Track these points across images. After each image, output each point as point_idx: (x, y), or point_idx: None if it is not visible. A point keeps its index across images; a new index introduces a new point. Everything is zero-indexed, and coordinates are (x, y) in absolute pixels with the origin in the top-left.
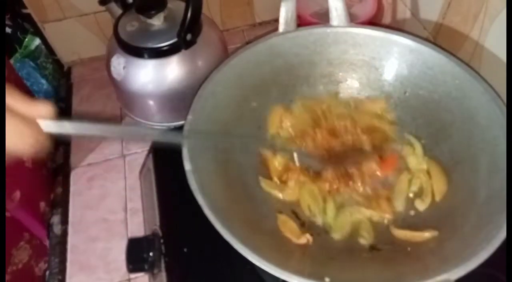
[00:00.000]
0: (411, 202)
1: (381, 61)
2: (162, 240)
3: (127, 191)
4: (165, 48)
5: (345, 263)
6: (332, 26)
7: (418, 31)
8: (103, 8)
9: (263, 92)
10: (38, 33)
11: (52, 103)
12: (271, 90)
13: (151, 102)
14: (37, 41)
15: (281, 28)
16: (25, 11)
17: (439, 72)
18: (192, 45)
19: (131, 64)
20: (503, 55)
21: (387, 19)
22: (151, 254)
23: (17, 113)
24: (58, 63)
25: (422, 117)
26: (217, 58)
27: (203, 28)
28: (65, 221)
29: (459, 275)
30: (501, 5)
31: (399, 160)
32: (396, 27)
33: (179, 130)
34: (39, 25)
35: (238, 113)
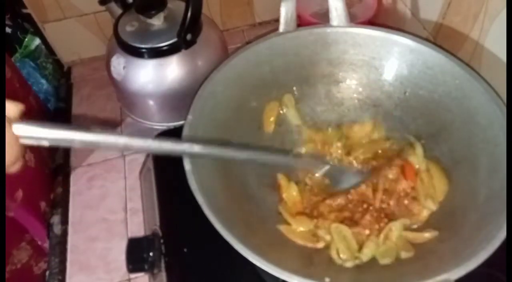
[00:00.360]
0: None
1: (381, 61)
2: (162, 240)
3: (127, 191)
4: (165, 48)
5: (345, 263)
6: (332, 26)
7: (418, 31)
8: (103, 8)
9: (263, 92)
10: (38, 33)
11: (20, 103)
12: (271, 90)
13: (151, 102)
14: (37, 41)
15: (281, 28)
16: (25, 11)
17: (439, 72)
18: (192, 45)
19: (131, 64)
20: (503, 55)
21: (387, 19)
22: (151, 254)
23: None
24: (58, 63)
25: (422, 117)
26: (217, 58)
27: (203, 28)
28: (65, 221)
29: (459, 275)
30: (501, 5)
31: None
32: (396, 27)
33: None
34: (39, 25)
35: (238, 113)
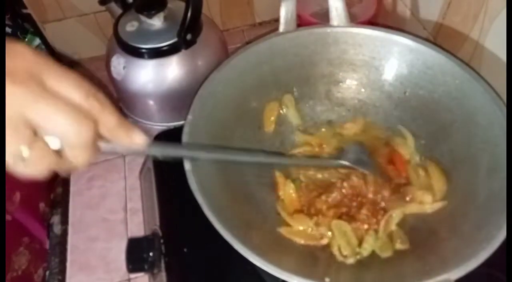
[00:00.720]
0: None
1: (381, 61)
2: (162, 240)
3: (127, 191)
4: (165, 48)
5: (345, 263)
6: (332, 26)
7: (418, 31)
8: (103, 8)
9: (263, 92)
10: (38, 33)
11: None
12: (271, 90)
13: (151, 102)
14: (37, 41)
15: (281, 28)
16: (25, 11)
17: (439, 72)
18: (192, 45)
19: (131, 64)
20: (503, 55)
21: (387, 19)
22: (151, 254)
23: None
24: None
25: (422, 117)
26: (217, 58)
27: (203, 28)
28: (65, 221)
29: (459, 275)
30: (501, 5)
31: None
32: (396, 27)
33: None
34: (39, 25)
35: (238, 113)
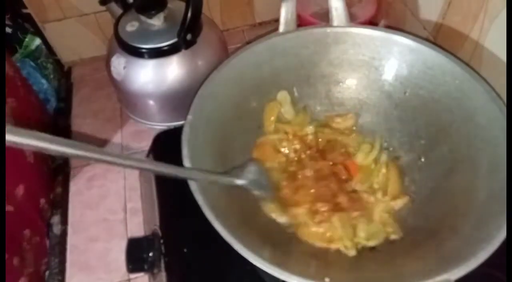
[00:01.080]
0: None
1: (381, 61)
2: (162, 240)
3: (126, 191)
4: (165, 48)
5: (345, 263)
6: (332, 26)
7: (418, 31)
8: (104, 8)
9: (263, 92)
10: (38, 33)
11: None
12: (271, 90)
13: (151, 102)
14: (37, 41)
15: (281, 28)
16: (25, 11)
17: (439, 72)
18: (192, 45)
19: (131, 64)
20: (503, 55)
21: (387, 19)
22: (151, 254)
23: None
24: (58, 63)
25: (422, 117)
26: (217, 58)
27: (203, 28)
28: (64, 221)
29: (459, 275)
30: (501, 5)
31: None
32: (396, 27)
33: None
34: (39, 25)
35: (238, 114)
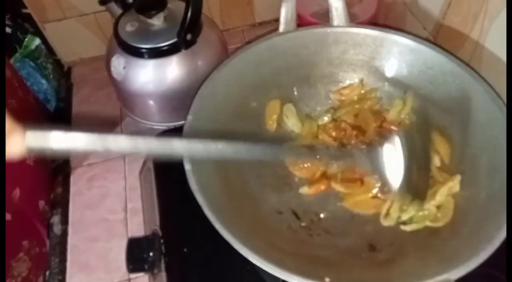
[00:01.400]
0: None
1: (381, 61)
2: (162, 240)
3: (127, 191)
4: (165, 48)
5: (345, 264)
6: (332, 26)
7: (418, 31)
8: (103, 8)
9: (263, 92)
10: (38, 33)
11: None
12: (271, 90)
13: (151, 102)
14: (37, 41)
15: (281, 28)
16: (25, 11)
17: (439, 72)
18: (192, 45)
19: (131, 64)
20: (503, 55)
21: (387, 19)
22: (151, 254)
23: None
24: (58, 63)
25: (422, 117)
26: (217, 58)
27: (203, 28)
28: (65, 221)
29: (459, 275)
30: (501, 5)
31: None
32: (396, 27)
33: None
34: (39, 25)
35: (238, 114)
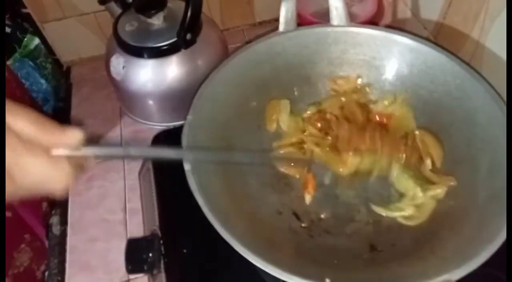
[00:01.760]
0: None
1: (382, 61)
2: (161, 241)
3: (126, 191)
4: (165, 47)
5: (345, 264)
6: (332, 25)
7: (418, 31)
8: (103, 7)
9: (263, 92)
10: (37, 32)
11: (81, 130)
12: (271, 90)
13: (151, 102)
14: (37, 41)
15: (281, 27)
16: (24, 10)
17: (439, 72)
18: (192, 45)
19: (131, 64)
20: (504, 55)
21: (387, 19)
22: (151, 254)
23: (41, 144)
24: (57, 63)
25: (422, 117)
26: (217, 57)
27: (203, 27)
28: (64, 222)
29: (460, 276)
30: (501, 4)
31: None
32: (396, 27)
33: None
34: (39, 24)
35: (238, 113)
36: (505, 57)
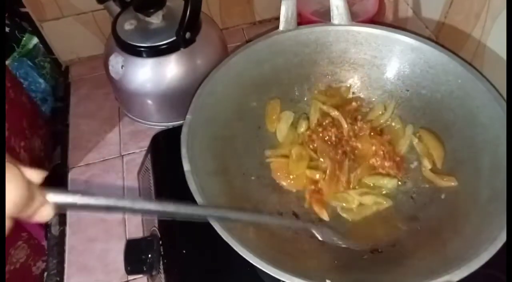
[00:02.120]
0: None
1: (383, 60)
2: (160, 241)
3: (125, 191)
4: (164, 46)
5: (346, 265)
6: (333, 24)
7: (420, 30)
8: (102, 6)
9: (263, 91)
10: (36, 32)
11: (42, 171)
12: (272, 89)
13: (150, 101)
14: (35, 40)
15: (282, 26)
16: (23, 10)
17: (441, 71)
18: (191, 44)
19: (129, 63)
20: (505, 54)
21: (388, 18)
22: (150, 255)
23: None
24: (56, 62)
25: (424, 116)
26: (217, 57)
27: (203, 26)
28: (63, 222)
29: (460, 277)
30: (503, 4)
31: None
32: (397, 26)
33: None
34: (37, 24)
35: (238, 113)
36: (506, 56)
